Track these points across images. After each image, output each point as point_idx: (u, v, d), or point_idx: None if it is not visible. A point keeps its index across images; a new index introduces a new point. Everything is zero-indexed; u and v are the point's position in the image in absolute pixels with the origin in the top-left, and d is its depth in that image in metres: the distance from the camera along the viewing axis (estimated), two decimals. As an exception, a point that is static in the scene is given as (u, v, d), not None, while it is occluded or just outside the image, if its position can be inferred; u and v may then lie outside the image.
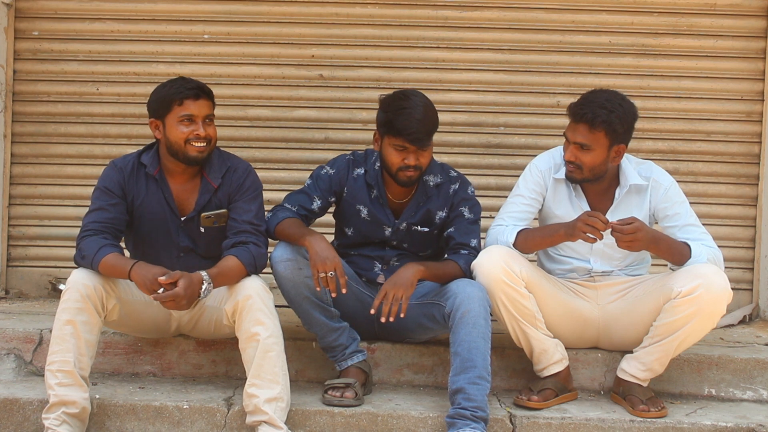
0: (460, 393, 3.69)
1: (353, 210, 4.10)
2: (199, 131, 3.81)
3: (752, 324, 4.98)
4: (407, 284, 3.82)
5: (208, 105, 3.86)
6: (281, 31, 5.07)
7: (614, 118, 3.85)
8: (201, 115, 3.82)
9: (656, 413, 3.86)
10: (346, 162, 4.13)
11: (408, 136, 3.86)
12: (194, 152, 3.83)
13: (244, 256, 3.80)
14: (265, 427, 3.68)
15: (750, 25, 5.05)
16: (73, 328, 3.65)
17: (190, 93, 3.81)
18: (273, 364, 3.70)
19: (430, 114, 3.91)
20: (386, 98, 3.98)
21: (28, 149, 5.09)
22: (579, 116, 3.89)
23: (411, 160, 3.90)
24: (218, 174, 3.93)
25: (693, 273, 3.80)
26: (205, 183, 3.92)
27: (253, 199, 3.95)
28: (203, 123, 3.83)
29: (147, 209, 3.91)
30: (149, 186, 3.91)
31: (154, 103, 3.88)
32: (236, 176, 3.95)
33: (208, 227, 3.93)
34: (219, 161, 3.96)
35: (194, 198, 3.93)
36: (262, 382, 3.69)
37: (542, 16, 5.05)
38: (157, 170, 3.91)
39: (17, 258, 5.12)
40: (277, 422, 3.67)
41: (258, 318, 3.70)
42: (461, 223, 4.06)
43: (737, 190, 5.10)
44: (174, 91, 3.82)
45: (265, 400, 3.67)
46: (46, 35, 5.06)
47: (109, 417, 3.81)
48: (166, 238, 3.94)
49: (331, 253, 3.77)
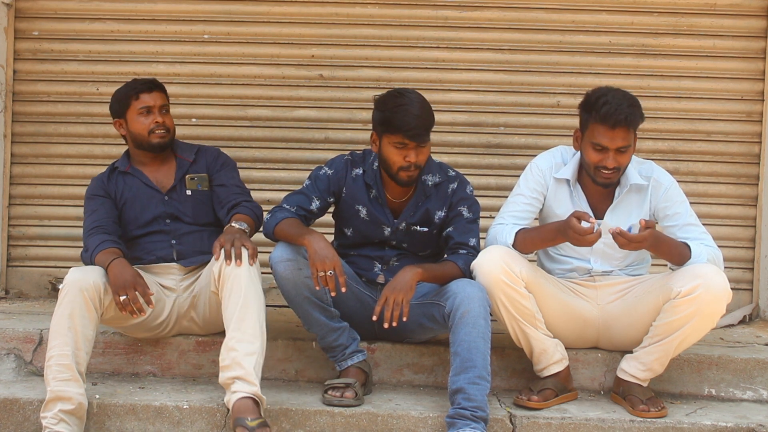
0: (460, 393, 3.69)
1: (352, 210, 4.10)
2: (157, 119, 4.14)
3: (752, 324, 4.98)
4: (407, 288, 3.82)
5: (161, 96, 4.18)
6: (281, 31, 5.07)
7: (637, 111, 3.86)
8: (157, 105, 4.15)
9: (656, 413, 3.86)
10: (345, 162, 4.13)
11: (407, 132, 3.86)
12: (157, 139, 4.15)
13: (252, 214, 4.08)
14: (239, 384, 3.65)
15: (750, 25, 5.05)
16: (71, 322, 3.70)
17: (143, 87, 4.15)
18: (254, 319, 3.73)
19: (427, 110, 3.92)
20: (381, 97, 3.98)
21: (28, 149, 5.09)
22: (615, 122, 3.80)
23: (411, 157, 3.90)
24: (190, 153, 4.27)
25: (693, 273, 3.80)
26: (180, 161, 4.24)
27: (233, 169, 4.28)
28: (160, 113, 4.15)
29: (128, 195, 4.17)
30: (126, 180, 4.21)
31: (115, 104, 4.21)
32: (209, 153, 4.30)
33: (193, 190, 4.20)
34: (185, 145, 4.32)
35: (172, 174, 4.22)
36: (244, 336, 3.71)
37: (542, 16, 5.05)
38: (128, 166, 4.22)
39: (17, 258, 5.12)
40: (253, 378, 3.66)
41: (239, 276, 3.76)
42: (460, 223, 4.06)
43: (737, 190, 5.10)
44: (129, 89, 4.17)
45: (244, 354, 3.68)
46: (46, 35, 5.06)
47: (109, 417, 3.81)
48: (154, 215, 4.15)
49: (330, 252, 3.77)
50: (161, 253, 4.13)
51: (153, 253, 4.13)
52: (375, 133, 4.00)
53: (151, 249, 4.14)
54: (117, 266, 3.83)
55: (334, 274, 3.74)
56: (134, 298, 3.77)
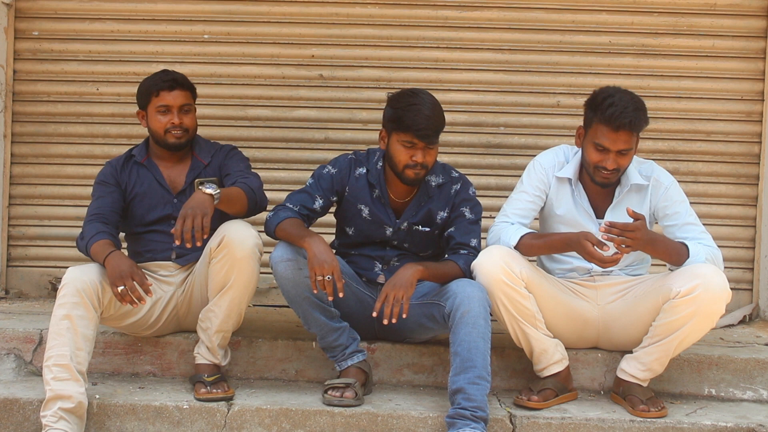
0: (460, 393, 3.69)
1: (355, 209, 4.10)
2: (174, 120, 4.07)
3: (752, 324, 4.98)
4: (407, 285, 3.82)
5: (183, 95, 4.10)
6: (281, 31, 5.07)
7: (642, 115, 3.86)
8: (176, 105, 4.07)
9: (656, 413, 3.86)
10: (348, 161, 4.13)
11: (417, 131, 3.87)
12: (172, 139, 4.09)
13: (239, 184, 3.98)
14: (204, 351, 3.98)
15: (750, 25, 5.05)
16: (69, 322, 3.69)
17: (164, 85, 4.08)
18: (231, 299, 3.86)
19: (438, 112, 3.93)
20: (395, 95, 3.99)
21: (28, 149, 5.09)
22: (619, 125, 3.80)
23: (419, 157, 3.91)
24: (208, 153, 4.20)
25: (692, 273, 3.80)
26: (195, 161, 4.17)
27: (240, 160, 4.20)
28: (179, 112, 4.08)
29: (139, 190, 4.13)
30: (140, 172, 4.15)
31: (138, 95, 4.16)
32: (222, 152, 4.23)
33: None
34: (207, 144, 4.24)
35: (185, 175, 4.15)
36: (220, 311, 3.89)
37: (542, 16, 5.05)
38: (145, 158, 4.17)
39: (17, 258, 5.12)
40: (216, 353, 3.97)
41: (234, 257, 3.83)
42: (462, 223, 4.06)
43: (737, 190, 5.10)
44: (152, 84, 4.11)
45: (215, 331, 3.92)
46: (46, 35, 5.06)
47: (109, 417, 3.81)
48: (161, 216, 4.11)
49: (329, 256, 3.77)
50: (161, 255, 4.12)
51: (153, 252, 4.12)
52: (384, 130, 4.00)
53: (152, 247, 4.13)
54: (114, 258, 3.80)
55: (332, 278, 3.74)
56: (132, 288, 3.73)
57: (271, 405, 3.83)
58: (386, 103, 3.99)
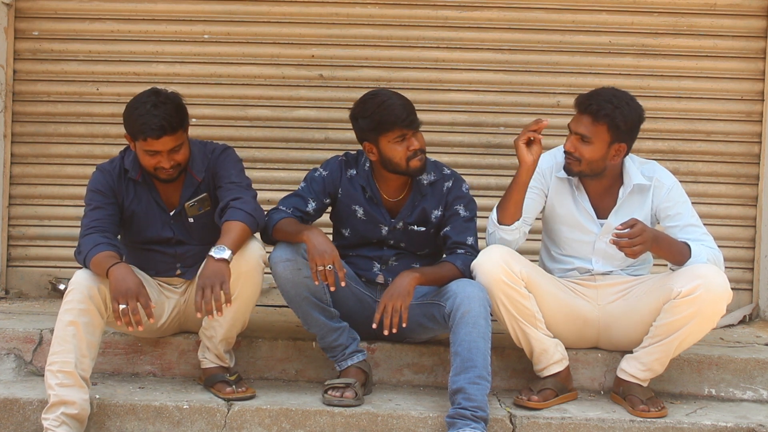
0: (460, 393, 3.69)
1: (349, 210, 4.11)
2: (164, 163, 3.84)
3: (752, 324, 4.98)
4: (404, 294, 3.82)
5: (172, 139, 3.81)
6: (281, 31, 5.07)
7: (618, 114, 3.86)
8: (165, 150, 3.82)
9: (656, 413, 3.86)
10: (339, 163, 4.14)
11: (402, 122, 3.91)
12: (164, 176, 3.89)
13: (238, 215, 3.80)
14: (212, 357, 3.97)
15: (750, 25, 5.05)
16: (75, 329, 3.65)
17: (152, 133, 3.77)
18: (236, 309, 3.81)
19: (404, 98, 4.00)
20: (358, 108, 4.00)
21: (28, 149, 5.09)
22: (584, 107, 3.92)
23: (414, 144, 3.94)
24: (202, 167, 3.99)
25: (693, 273, 3.80)
26: (189, 177, 3.98)
27: (229, 166, 3.99)
28: (169, 153, 3.83)
29: (136, 209, 3.99)
30: (137, 190, 3.99)
31: (125, 124, 3.88)
32: (214, 157, 4.02)
33: (195, 215, 4.00)
34: (201, 156, 4.01)
35: (179, 192, 3.99)
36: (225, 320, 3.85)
37: (542, 16, 5.05)
38: (139, 174, 3.96)
39: (17, 258, 5.12)
40: (224, 358, 3.97)
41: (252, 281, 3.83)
42: (457, 222, 4.06)
43: (737, 190, 5.10)
44: (138, 129, 3.79)
45: (220, 340, 3.91)
46: (46, 35, 5.06)
47: (109, 417, 3.81)
48: (159, 234, 4.00)
49: (329, 246, 3.77)
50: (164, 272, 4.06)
51: (154, 268, 4.05)
52: (368, 143, 4.00)
53: (155, 266, 4.05)
54: (120, 271, 3.64)
55: (333, 268, 3.74)
56: (135, 309, 3.58)
57: (271, 405, 3.83)
58: (352, 121, 4.02)
